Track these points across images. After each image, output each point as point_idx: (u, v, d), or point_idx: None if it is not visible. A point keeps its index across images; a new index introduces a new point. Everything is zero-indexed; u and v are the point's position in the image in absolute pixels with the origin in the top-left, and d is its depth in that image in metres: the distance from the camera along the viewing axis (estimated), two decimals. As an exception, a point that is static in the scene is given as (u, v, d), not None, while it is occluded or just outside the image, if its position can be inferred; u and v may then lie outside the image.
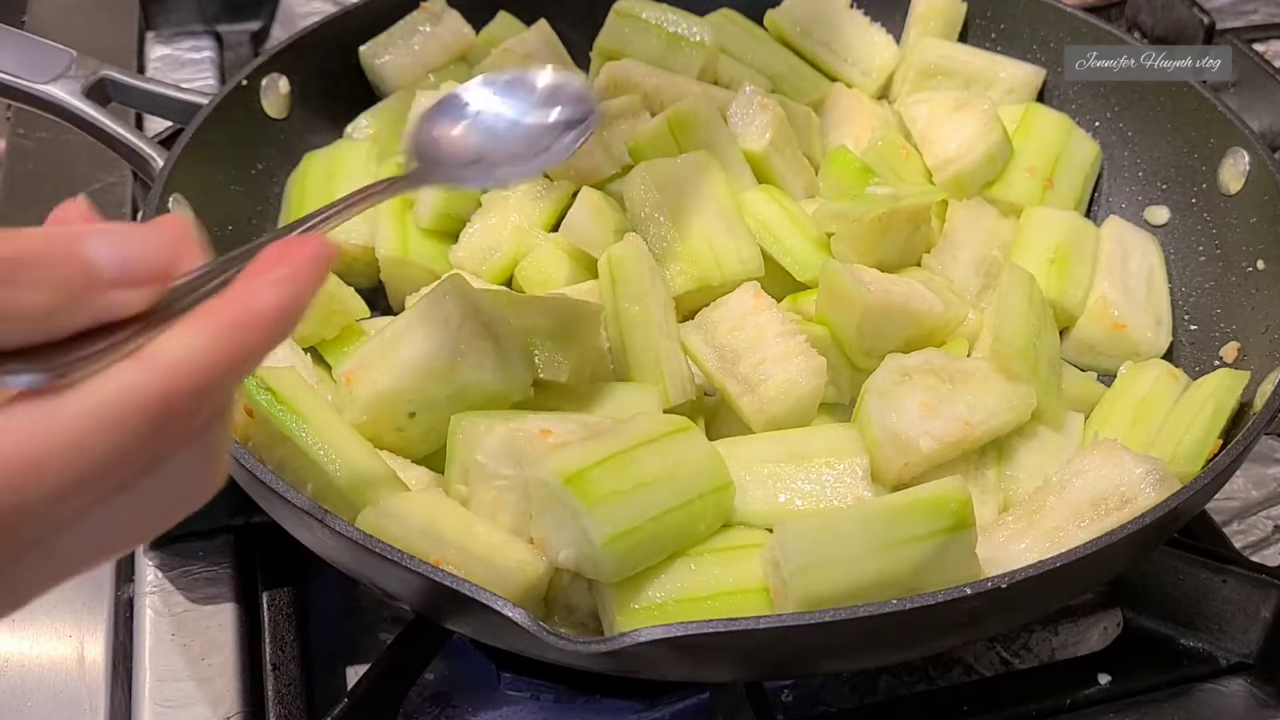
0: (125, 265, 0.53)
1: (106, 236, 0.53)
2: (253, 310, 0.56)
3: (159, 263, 0.55)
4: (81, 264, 0.52)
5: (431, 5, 1.38)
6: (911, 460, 0.97)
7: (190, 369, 0.54)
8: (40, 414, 0.51)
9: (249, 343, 0.56)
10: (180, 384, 0.53)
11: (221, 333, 0.55)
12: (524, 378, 0.96)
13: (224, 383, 0.56)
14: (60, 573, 0.56)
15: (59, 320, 0.52)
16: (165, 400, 0.53)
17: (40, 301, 0.51)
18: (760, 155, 1.20)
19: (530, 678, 1.00)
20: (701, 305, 1.08)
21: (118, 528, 0.56)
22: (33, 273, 0.50)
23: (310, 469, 0.91)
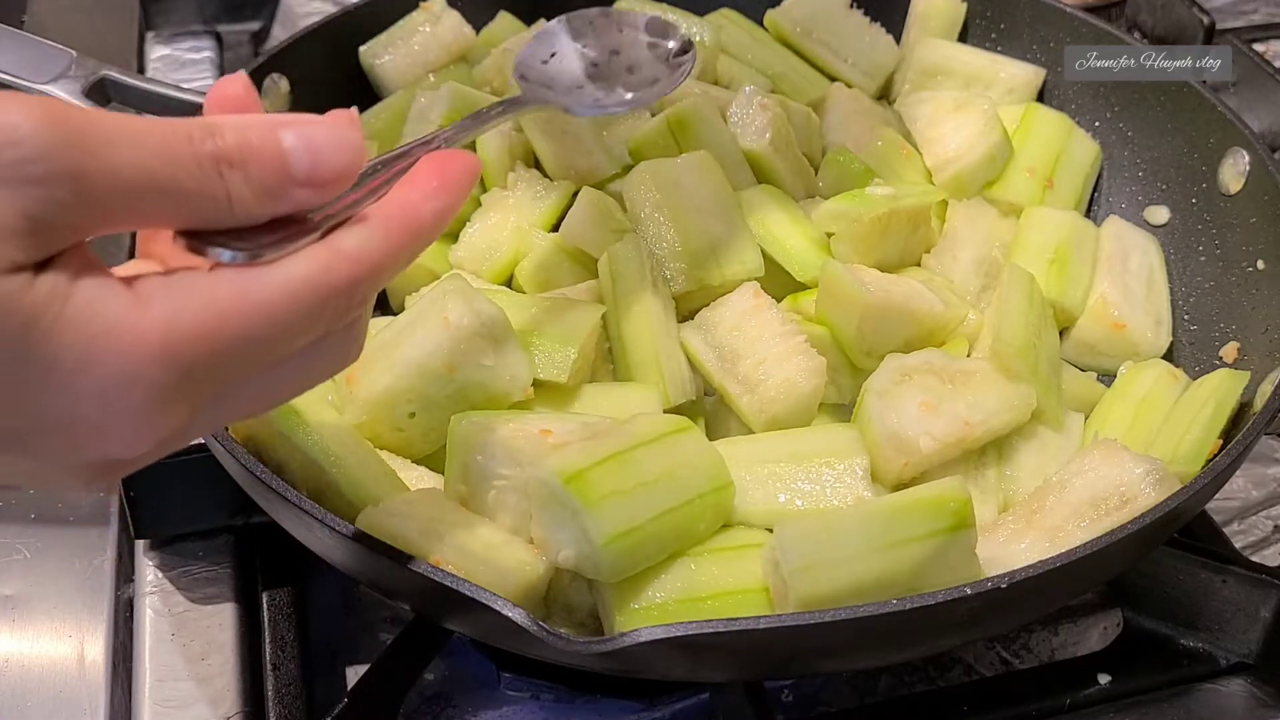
0: (314, 169, 0.61)
1: (302, 140, 0.61)
2: (419, 217, 0.66)
3: (341, 170, 0.62)
4: (281, 164, 0.60)
5: (431, 5, 1.38)
6: (911, 460, 0.97)
7: (368, 262, 0.63)
8: (242, 284, 0.59)
9: (413, 245, 0.66)
10: (358, 274, 0.62)
11: (395, 235, 0.64)
12: (524, 377, 0.96)
13: (388, 277, 0.65)
14: (219, 423, 0.65)
15: (255, 211, 0.60)
16: (345, 286, 0.62)
17: (247, 194, 0.59)
18: (760, 155, 1.20)
19: (530, 678, 1.00)
20: (701, 305, 1.08)
21: (274, 388, 0.65)
22: (244, 169, 0.59)
23: (310, 469, 0.91)
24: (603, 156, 1.21)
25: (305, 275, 0.61)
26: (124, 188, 0.55)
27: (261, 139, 0.60)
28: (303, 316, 0.61)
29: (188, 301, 0.58)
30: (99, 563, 1.07)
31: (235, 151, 0.58)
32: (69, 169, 0.53)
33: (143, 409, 0.57)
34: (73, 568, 1.06)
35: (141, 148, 0.56)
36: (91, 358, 0.55)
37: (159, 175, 0.56)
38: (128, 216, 0.57)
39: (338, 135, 0.62)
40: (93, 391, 0.56)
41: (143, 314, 0.56)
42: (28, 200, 0.53)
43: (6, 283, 0.53)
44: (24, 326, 0.54)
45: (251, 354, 0.60)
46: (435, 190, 0.67)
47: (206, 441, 0.93)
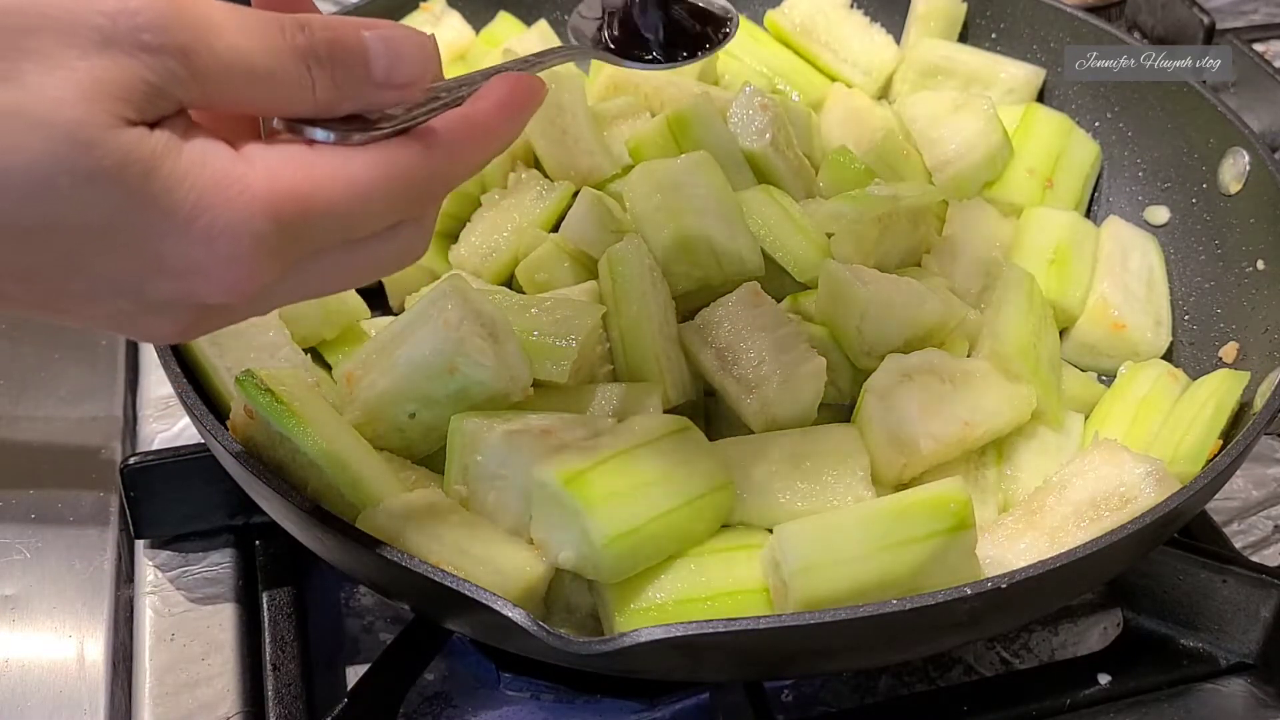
0: (392, 72, 0.66)
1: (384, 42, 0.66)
2: (491, 123, 0.71)
3: (416, 74, 0.67)
4: (363, 63, 0.65)
5: (431, 5, 1.38)
6: (911, 460, 0.97)
7: (445, 156, 0.68)
8: (336, 157, 0.64)
9: (485, 148, 0.72)
10: (436, 166, 0.68)
11: (470, 136, 0.70)
12: (524, 378, 0.96)
13: (463, 175, 0.72)
14: (298, 293, 0.69)
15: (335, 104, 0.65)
16: (424, 175, 0.67)
17: (331, 87, 0.64)
18: (760, 155, 1.20)
19: (530, 678, 1.00)
20: (701, 305, 1.08)
21: (350, 267, 0.69)
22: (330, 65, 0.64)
23: (310, 469, 0.91)
24: (603, 156, 1.21)
25: (393, 158, 0.66)
26: (227, 70, 0.60)
27: (348, 38, 0.65)
28: (385, 196, 0.66)
29: (287, 163, 0.62)
30: (99, 563, 1.07)
31: (324, 47, 0.63)
32: (181, 43, 0.58)
33: (245, 256, 0.61)
34: (73, 568, 1.06)
35: (243, 34, 0.61)
36: (205, 204, 0.60)
37: (257, 63, 0.61)
38: (228, 95, 0.62)
39: (415, 42, 0.67)
40: (203, 236, 0.60)
41: (248, 169, 0.61)
42: (143, 66, 0.58)
43: (127, 135, 0.58)
44: (144, 175, 0.58)
45: (338, 223, 0.65)
46: (506, 100, 0.72)
47: (206, 441, 0.93)
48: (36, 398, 1.20)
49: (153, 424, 1.20)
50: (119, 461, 1.08)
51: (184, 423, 1.19)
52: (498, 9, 1.42)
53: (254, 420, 0.92)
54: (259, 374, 0.92)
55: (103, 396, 1.21)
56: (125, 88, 0.58)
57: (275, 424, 0.90)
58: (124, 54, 0.57)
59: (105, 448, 1.16)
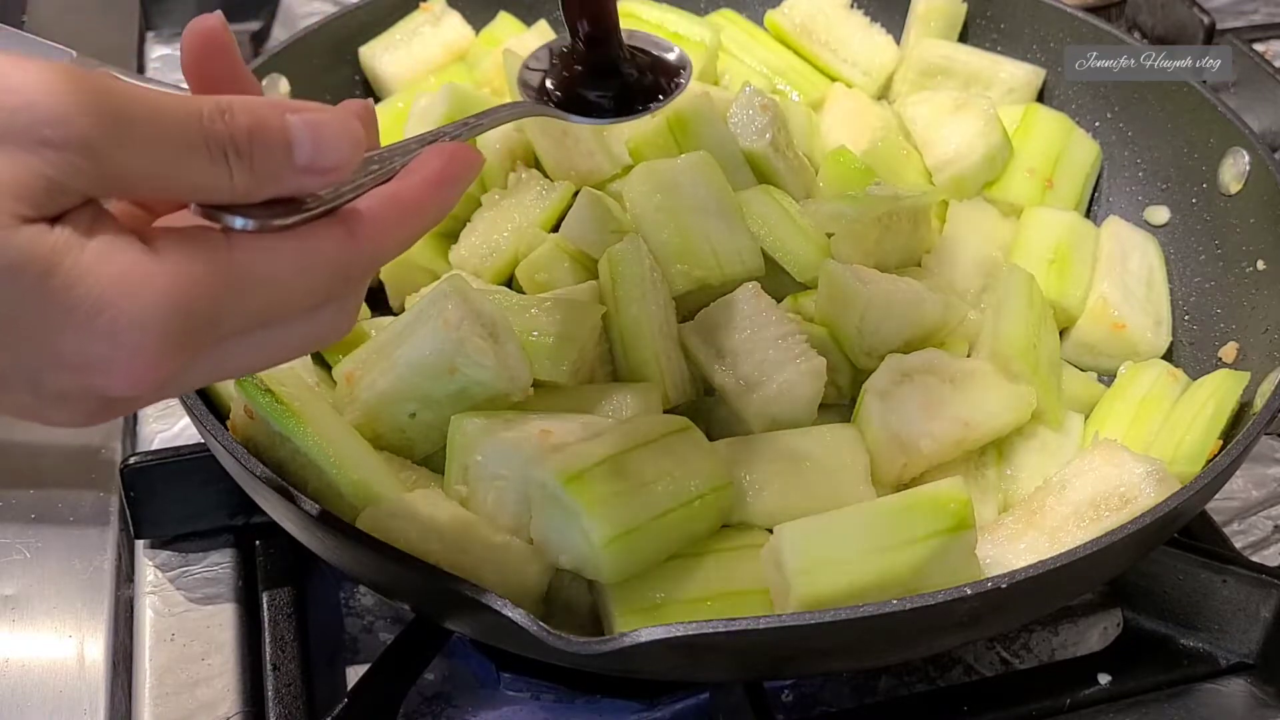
0: (315, 158, 0.64)
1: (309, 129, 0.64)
2: (422, 201, 0.70)
3: (341, 160, 0.66)
4: (285, 149, 0.64)
5: (431, 5, 1.38)
6: (911, 460, 0.97)
7: (371, 239, 0.67)
8: (252, 247, 0.63)
9: (415, 227, 0.71)
10: (361, 249, 0.67)
11: (398, 215, 0.69)
12: (524, 378, 0.96)
13: (390, 255, 0.70)
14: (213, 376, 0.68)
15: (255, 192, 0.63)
16: (347, 259, 0.67)
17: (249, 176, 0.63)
18: (760, 155, 1.20)
19: (530, 678, 1.00)
20: (701, 305, 1.08)
21: (272, 349, 0.68)
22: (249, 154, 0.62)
23: (310, 469, 0.91)
24: (603, 157, 1.21)
25: (313, 246, 0.65)
26: (135, 161, 0.59)
27: (270, 124, 0.63)
28: (305, 283, 0.65)
29: (198, 255, 0.61)
30: (99, 563, 1.07)
31: (243, 135, 0.62)
32: (85, 138, 0.57)
33: (149, 349, 0.60)
34: (73, 568, 1.06)
35: (155, 124, 0.59)
36: (107, 301, 0.58)
37: (169, 154, 0.60)
38: (137, 186, 0.61)
39: (341, 126, 0.65)
40: (106, 331, 0.59)
41: (155, 263, 0.60)
42: (43, 162, 0.56)
43: (24, 234, 0.57)
44: (43, 274, 0.57)
45: (254, 312, 0.64)
46: (439, 176, 0.71)
47: (206, 441, 0.93)
48: (36, 398, 1.19)
49: (153, 424, 1.20)
50: (119, 461, 1.08)
51: (184, 423, 1.19)
52: (498, 9, 1.42)
53: (254, 420, 0.92)
54: (259, 375, 0.92)
55: (103, 396, 1.20)
56: (23, 185, 0.56)
57: (275, 424, 0.90)
58: (22, 150, 0.56)
59: (105, 448, 1.16)
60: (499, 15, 1.41)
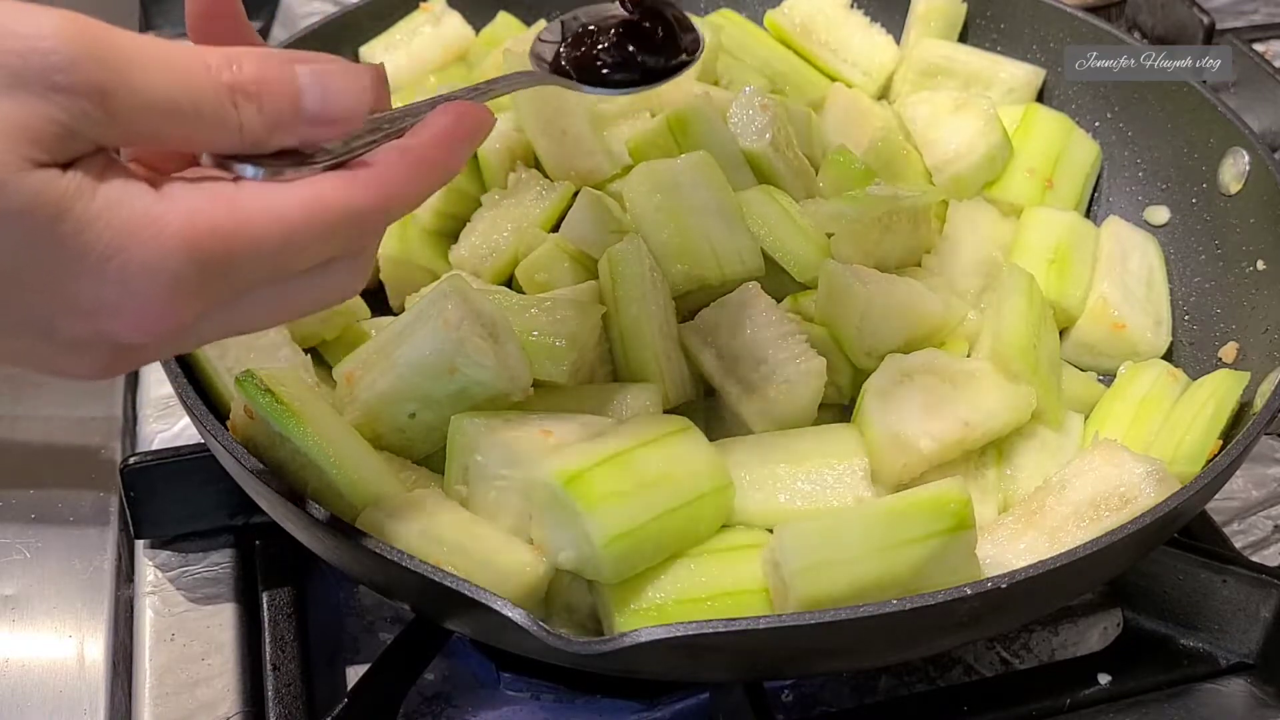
0: (324, 108, 0.65)
1: (317, 78, 0.65)
2: (433, 155, 0.70)
3: (350, 110, 0.66)
4: (293, 99, 0.64)
5: (431, 5, 1.38)
6: (911, 461, 0.97)
7: (381, 191, 0.67)
8: (264, 194, 0.63)
9: (427, 182, 0.70)
10: (372, 201, 0.66)
11: (409, 168, 0.68)
12: (524, 378, 0.96)
13: (400, 210, 0.69)
14: (224, 330, 0.68)
15: (265, 141, 0.64)
16: (359, 210, 0.66)
17: (258, 125, 0.63)
18: (760, 155, 1.20)
19: (530, 678, 1.00)
20: (701, 305, 1.08)
21: (280, 303, 0.68)
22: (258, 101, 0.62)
23: (310, 469, 0.91)
24: (603, 157, 1.21)
25: (323, 194, 0.65)
26: (144, 108, 0.59)
27: (277, 73, 0.63)
28: (316, 233, 0.65)
29: (210, 202, 0.61)
30: (99, 563, 1.07)
31: (251, 83, 0.62)
32: (95, 83, 0.57)
33: (161, 295, 0.60)
34: (73, 568, 1.06)
35: (164, 71, 0.59)
36: (118, 246, 0.59)
37: (178, 100, 0.60)
38: (146, 135, 0.61)
39: (349, 78, 0.66)
40: (117, 277, 0.59)
41: (167, 208, 0.60)
42: (54, 107, 0.57)
43: (36, 178, 0.57)
44: (54, 218, 0.58)
45: (265, 262, 0.64)
46: (448, 131, 0.71)
47: (206, 441, 0.93)
48: (36, 398, 1.20)
49: (153, 424, 1.20)
50: (119, 461, 1.08)
51: (184, 423, 1.19)
52: (498, 9, 1.42)
53: (254, 420, 0.92)
54: (259, 374, 0.92)
55: (102, 396, 1.21)
56: (35, 130, 0.57)
57: (275, 424, 0.90)
58: (34, 95, 0.56)
59: (105, 448, 1.16)
60: (499, 15, 1.41)
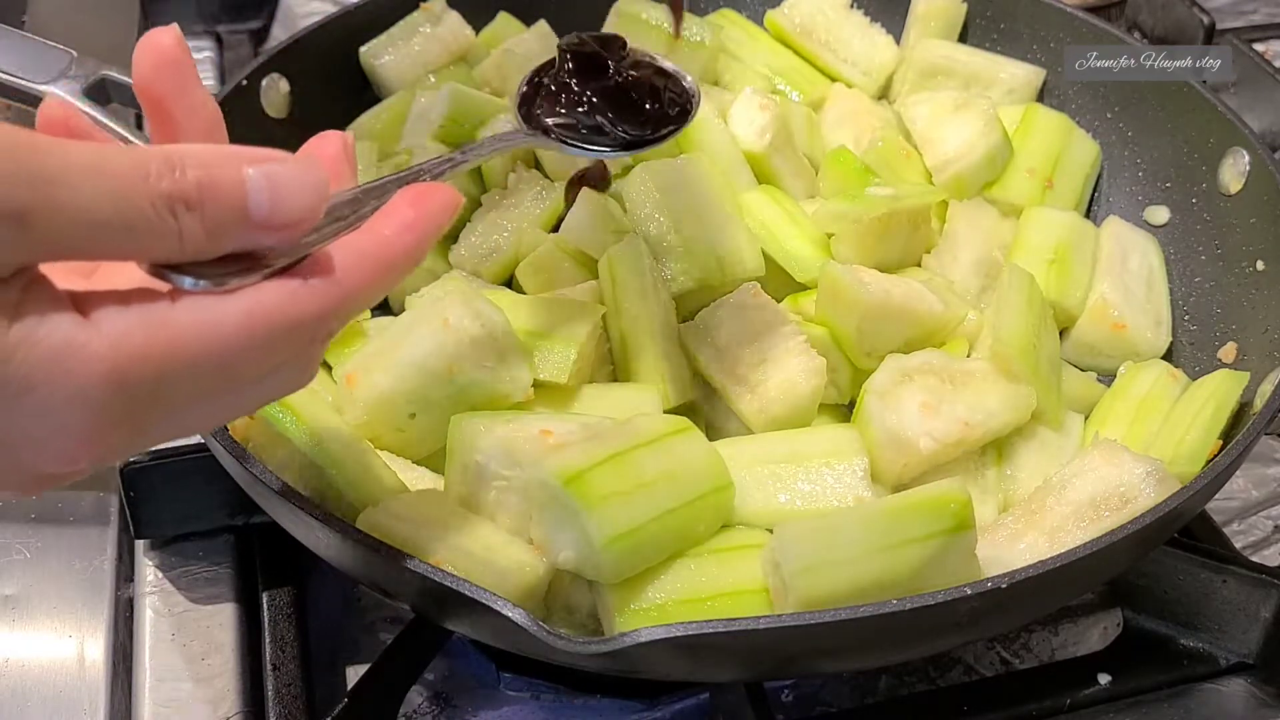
0: (274, 214, 0.59)
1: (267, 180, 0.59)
2: (392, 252, 0.65)
3: (301, 215, 0.61)
4: (239, 205, 0.59)
5: (431, 6, 1.38)
6: (911, 461, 0.97)
7: (335, 296, 0.62)
8: (200, 311, 0.59)
9: (384, 280, 0.65)
10: (324, 307, 0.62)
11: (365, 269, 0.64)
12: (524, 378, 0.96)
13: (355, 312, 0.65)
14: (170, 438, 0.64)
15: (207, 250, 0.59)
16: (309, 319, 0.62)
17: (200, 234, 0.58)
18: (760, 155, 1.20)
19: (530, 678, 1.00)
20: (701, 305, 1.08)
21: (225, 411, 0.65)
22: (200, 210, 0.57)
23: (310, 470, 0.91)
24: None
25: (267, 306, 0.60)
26: (71, 226, 0.54)
27: (223, 177, 0.58)
28: (262, 349, 0.61)
29: (139, 325, 0.57)
30: (99, 563, 1.07)
31: (194, 191, 0.57)
32: (16, 205, 0.52)
33: (85, 428, 0.57)
34: (73, 568, 1.06)
35: (95, 184, 0.54)
36: (36, 379, 0.55)
37: (110, 216, 0.55)
38: (74, 252, 0.56)
39: (303, 177, 0.61)
40: (36, 411, 0.56)
41: (91, 336, 0.56)
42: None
43: None
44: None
45: (203, 381, 0.60)
46: (410, 224, 0.66)
47: (206, 441, 0.93)
48: (36, 398, 1.19)
49: (153, 424, 1.20)
50: (119, 461, 1.08)
51: (184, 423, 1.19)
52: (498, 9, 1.42)
53: (254, 420, 0.92)
54: (259, 374, 0.92)
55: (103, 396, 1.20)
56: None
57: (275, 424, 0.90)
58: None
59: (105, 448, 1.16)
60: (499, 15, 1.41)
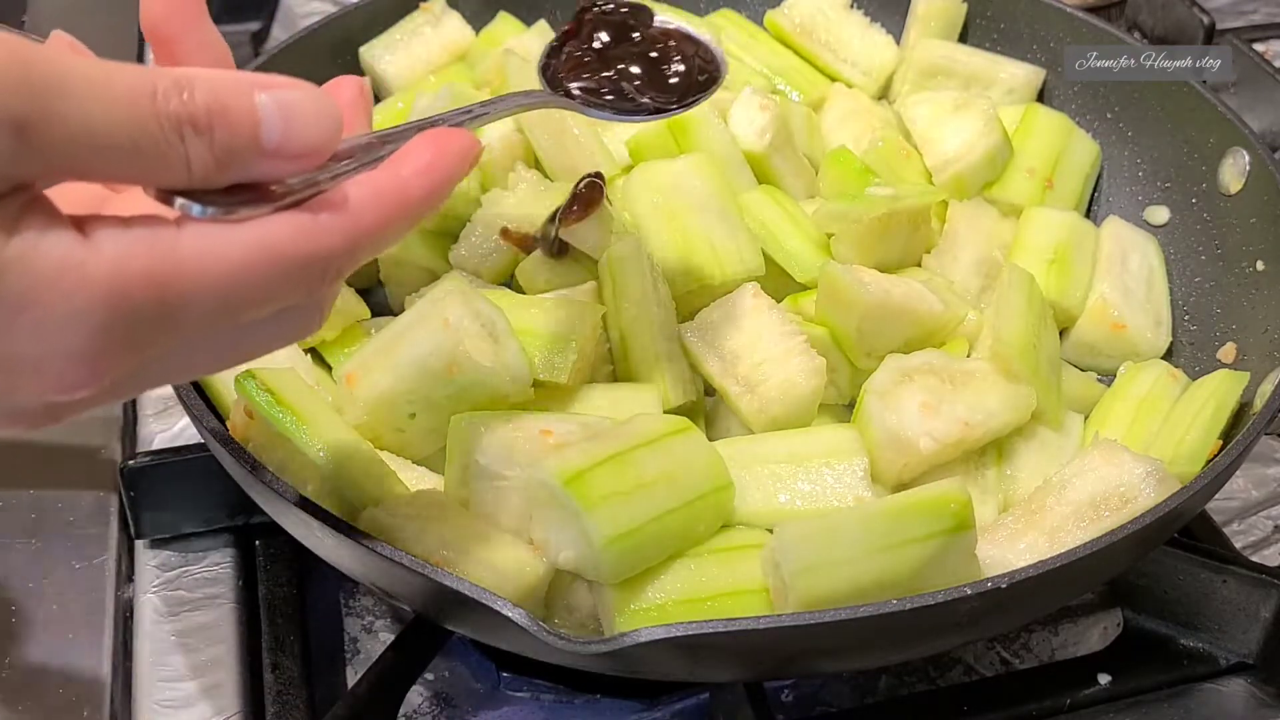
0: (286, 141, 0.57)
1: (280, 108, 0.57)
2: (408, 193, 0.62)
3: (315, 143, 0.59)
4: (250, 132, 0.57)
5: (431, 6, 1.38)
6: (911, 461, 0.97)
7: (348, 234, 0.60)
8: (207, 239, 0.56)
9: (400, 222, 0.63)
10: (336, 245, 0.60)
11: (381, 209, 0.61)
12: (524, 378, 0.96)
13: (368, 254, 0.62)
14: (170, 379, 0.63)
15: (216, 177, 0.57)
16: (321, 257, 0.59)
17: (209, 160, 0.56)
18: (760, 155, 1.20)
19: (530, 678, 1.00)
20: (701, 305, 1.08)
21: (230, 351, 0.63)
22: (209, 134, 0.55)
23: (310, 469, 0.91)
24: (603, 157, 1.21)
25: (278, 240, 0.58)
26: (73, 142, 0.53)
27: (234, 102, 0.56)
28: (269, 283, 0.58)
29: (143, 247, 0.55)
30: (99, 563, 1.07)
31: (203, 114, 0.55)
32: (18, 114, 0.51)
33: (85, 351, 0.55)
34: (73, 568, 1.06)
35: (100, 100, 0.53)
36: (32, 298, 0.53)
37: (114, 134, 0.53)
38: (76, 171, 0.54)
39: (318, 106, 0.59)
40: (31, 331, 0.54)
41: (90, 254, 0.54)
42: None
43: None
44: None
45: (210, 313, 0.58)
46: (428, 166, 0.64)
47: (207, 442, 0.93)
48: (36, 398, 1.19)
49: (153, 424, 1.20)
50: (119, 461, 1.08)
51: (184, 423, 1.19)
52: (498, 9, 1.42)
53: (254, 420, 0.92)
54: (259, 374, 0.92)
55: (103, 396, 1.20)
56: None
57: (275, 424, 0.90)
58: None
59: (105, 448, 1.16)
60: (499, 15, 1.41)
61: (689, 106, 0.95)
